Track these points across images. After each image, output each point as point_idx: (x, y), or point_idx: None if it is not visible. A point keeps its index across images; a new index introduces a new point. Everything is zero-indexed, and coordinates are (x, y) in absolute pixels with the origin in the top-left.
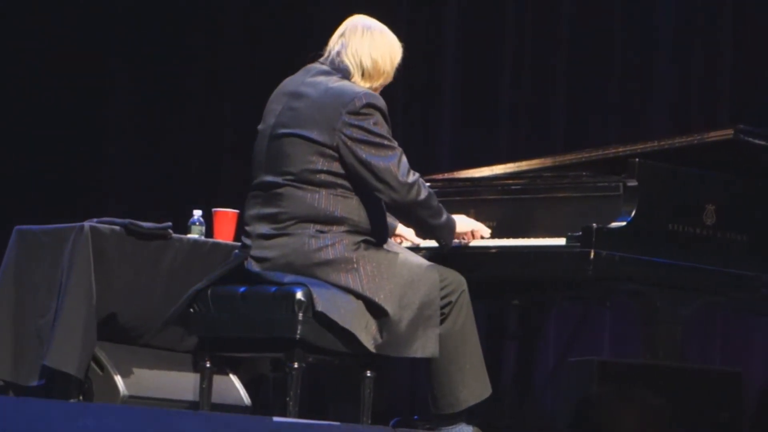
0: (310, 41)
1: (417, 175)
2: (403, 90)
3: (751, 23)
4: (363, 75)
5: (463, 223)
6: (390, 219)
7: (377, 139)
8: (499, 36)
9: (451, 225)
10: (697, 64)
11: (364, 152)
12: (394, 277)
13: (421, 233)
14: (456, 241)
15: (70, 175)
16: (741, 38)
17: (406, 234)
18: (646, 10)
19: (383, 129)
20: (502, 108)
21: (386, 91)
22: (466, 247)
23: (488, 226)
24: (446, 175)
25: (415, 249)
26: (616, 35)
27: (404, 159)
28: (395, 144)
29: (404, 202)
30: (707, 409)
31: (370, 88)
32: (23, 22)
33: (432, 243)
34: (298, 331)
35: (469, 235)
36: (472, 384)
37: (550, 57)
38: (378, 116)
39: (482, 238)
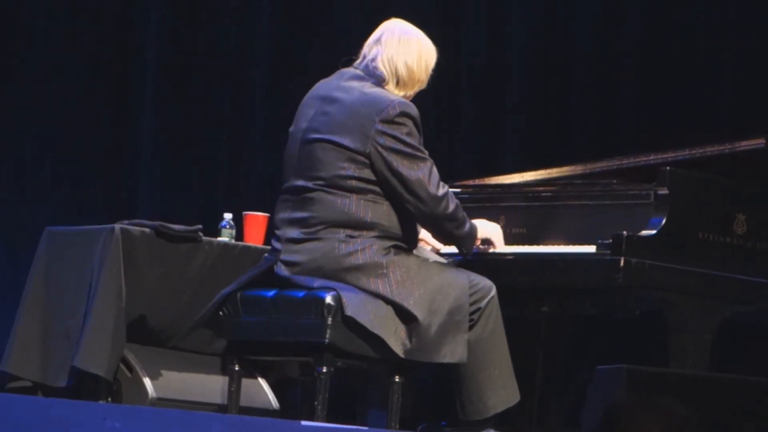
0: (342, 45)
1: (446, 187)
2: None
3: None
4: (398, 83)
5: (485, 228)
6: None
7: (409, 150)
8: (520, 40)
9: (473, 234)
10: (727, 72)
11: (396, 162)
12: (424, 283)
13: (443, 242)
14: (475, 247)
15: (100, 176)
16: None
17: (427, 237)
18: (673, 21)
19: (415, 139)
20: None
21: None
22: (496, 253)
23: (518, 233)
24: (477, 182)
25: (447, 255)
26: (636, 44)
27: (435, 170)
28: (426, 155)
29: (433, 215)
30: (735, 419)
31: (404, 96)
32: (56, 25)
33: (454, 249)
34: (327, 336)
35: (494, 243)
36: (501, 390)
37: (573, 63)
38: (411, 126)
39: (495, 248)
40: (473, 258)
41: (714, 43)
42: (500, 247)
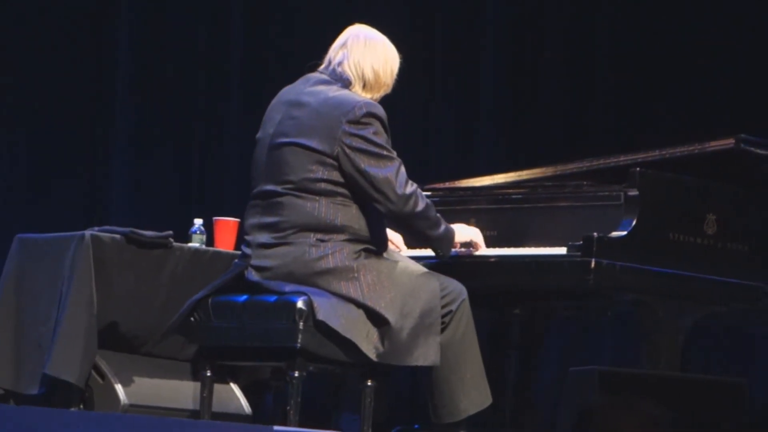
0: (313, 50)
1: (415, 186)
2: (402, 97)
3: (752, 31)
4: (364, 86)
5: (463, 232)
6: None
7: (376, 149)
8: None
9: (449, 235)
10: (698, 72)
11: (363, 162)
12: (395, 286)
13: (418, 243)
14: (454, 250)
15: (71, 183)
16: (740, 46)
17: (394, 239)
18: (644, 19)
19: (383, 139)
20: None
21: (386, 100)
22: (467, 256)
23: (489, 235)
24: (447, 184)
25: (416, 258)
26: (607, 46)
27: (403, 170)
28: (394, 154)
29: (401, 214)
30: (709, 419)
31: (370, 98)
32: (27, 27)
33: (424, 252)
34: (299, 340)
35: (477, 245)
36: (473, 393)
37: (548, 63)
38: (378, 126)
39: (479, 248)
40: (451, 261)
41: (689, 44)
42: (483, 248)
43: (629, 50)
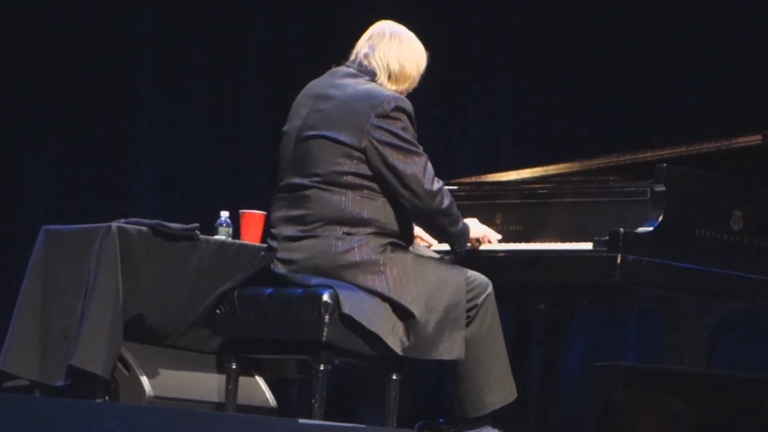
0: (336, 43)
1: (441, 182)
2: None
3: None
4: (390, 77)
5: (475, 228)
6: None
7: (405, 145)
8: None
9: (466, 232)
10: (724, 67)
11: (391, 157)
12: (421, 280)
13: (436, 238)
14: (467, 245)
15: (97, 174)
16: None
17: (422, 234)
18: (667, 16)
19: (410, 134)
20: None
21: (412, 94)
22: (493, 250)
23: (515, 230)
24: (473, 179)
25: (438, 252)
26: (638, 37)
27: (429, 166)
28: (421, 150)
29: (427, 210)
30: (733, 415)
31: (396, 91)
32: (47, 17)
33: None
34: (325, 334)
35: (484, 239)
36: (498, 387)
37: (574, 58)
38: (406, 121)
39: (489, 242)
40: (466, 256)
41: (714, 42)
42: (495, 241)
43: (650, 46)
